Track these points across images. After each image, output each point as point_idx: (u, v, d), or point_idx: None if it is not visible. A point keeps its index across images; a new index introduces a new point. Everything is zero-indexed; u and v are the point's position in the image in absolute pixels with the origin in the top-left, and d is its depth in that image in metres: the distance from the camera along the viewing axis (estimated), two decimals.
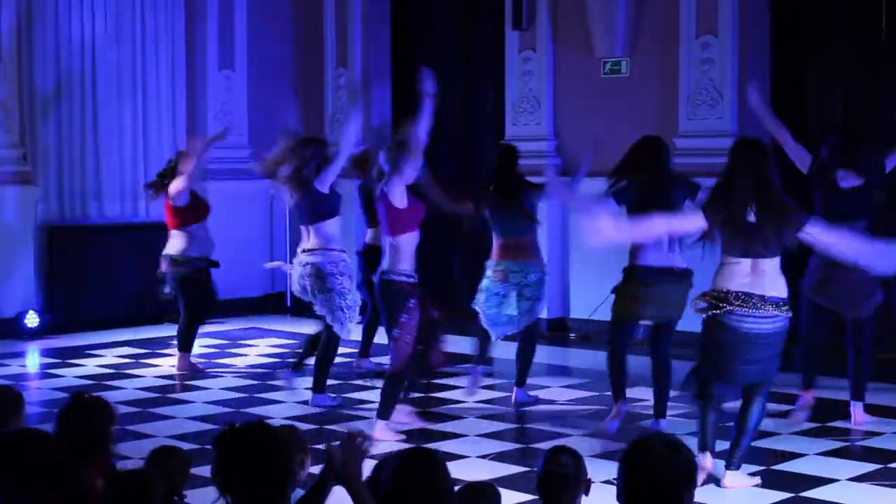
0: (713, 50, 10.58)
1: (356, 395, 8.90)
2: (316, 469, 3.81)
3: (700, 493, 6.16)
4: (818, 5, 10.59)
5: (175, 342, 10.07)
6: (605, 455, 6.73)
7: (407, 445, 7.19)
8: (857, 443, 7.40)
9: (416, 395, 8.87)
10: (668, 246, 7.35)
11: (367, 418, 8.07)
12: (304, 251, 8.49)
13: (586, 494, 4.04)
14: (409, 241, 7.41)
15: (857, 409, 7.74)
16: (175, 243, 9.87)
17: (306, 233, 8.49)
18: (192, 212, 9.89)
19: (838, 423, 7.78)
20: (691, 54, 10.68)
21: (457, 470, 3.65)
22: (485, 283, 8.38)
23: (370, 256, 9.08)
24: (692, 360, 6.55)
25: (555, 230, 11.19)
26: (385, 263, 7.44)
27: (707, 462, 6.35)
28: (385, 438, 7.27)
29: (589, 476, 4.05)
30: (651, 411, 7.70)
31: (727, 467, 6.45)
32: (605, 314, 10.26)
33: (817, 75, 10.64)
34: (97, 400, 4.53)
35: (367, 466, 3.69)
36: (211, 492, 3.45)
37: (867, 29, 10.25)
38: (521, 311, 8.27)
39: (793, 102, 10.74)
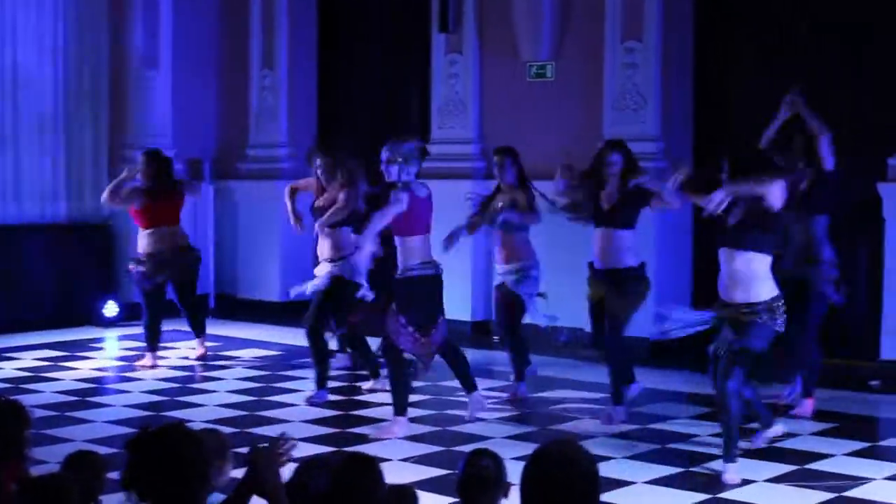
0: (638, 55, 10.66)
1: (279, 398, 8.85)
2: (239, 473, 3.78)
3: (615, 496, 6.22)
4: (740, 9, 10.71)
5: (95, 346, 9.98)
6: (527, 458, 6.73)
7: (329, 449, 7.18)
8: (775, 444, 7.49)
9: (336, 398, 8.88)
10: None
11: (291, 421, 8.04)
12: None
13: (506, 497, 4.05)
14: None
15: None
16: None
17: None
18: None
19: (755, 425, 7.87)
20: (616, 59, 10.75)
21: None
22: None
23: None
24: None
25: (480, 233, 11.22)
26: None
27: None
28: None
29: (509, 479, 4.06)
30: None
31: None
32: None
33: (740, 78, 10.77)
34: (11, 403, 4.47)
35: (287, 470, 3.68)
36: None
37: (789, 27, 10.38)
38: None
39: (716, 106, 10.86)
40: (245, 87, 13.49)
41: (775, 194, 6.61)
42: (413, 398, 8.59)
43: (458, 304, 10.38)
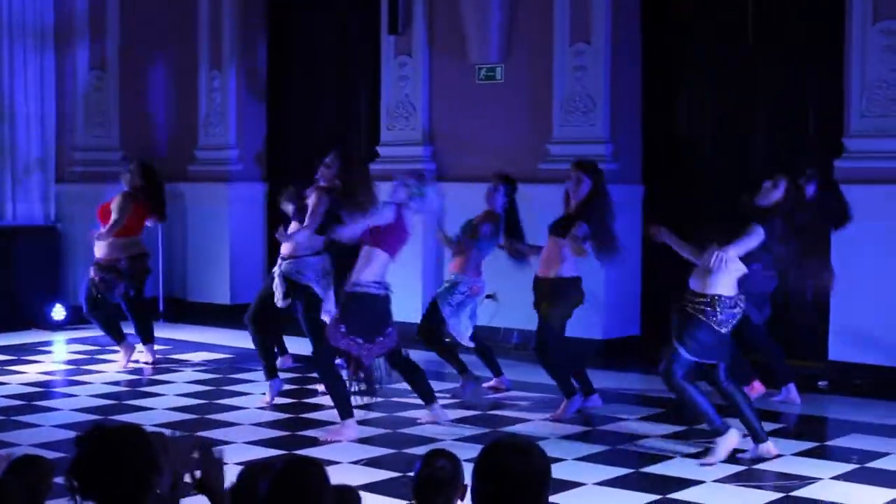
0: (586, 57, 10.70)
1: (229, 401, 8.80)
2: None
3: (565, 497, 6.24)
4: (688, 12, 10.78)
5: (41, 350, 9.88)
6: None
7: (278, 452, 7.16)
8: None
9: (284, 401, 8.85)
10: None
11: (241, 424, 8.00)
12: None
13: (462, 499, 4.03)
14: None
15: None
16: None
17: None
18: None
19: (705, 426, 7.91)
20: (565, 61, 10.79)
21: (329, 476, 3.66)
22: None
23: None
24: None
25: (432, 238, 11.23)
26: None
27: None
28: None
29: (466, 481, 4.04)
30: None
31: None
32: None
33: (688, 81, 10.84)
34: None
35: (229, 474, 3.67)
36: None
37: (735, 33, 10.46)
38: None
39: (664, 109, 10.92)
40: (193, 89, 13.41)
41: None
42: (361, 400, 8.56)
43: (407, 306, 10.35)
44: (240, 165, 13.23)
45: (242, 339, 11.27)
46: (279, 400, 8.77)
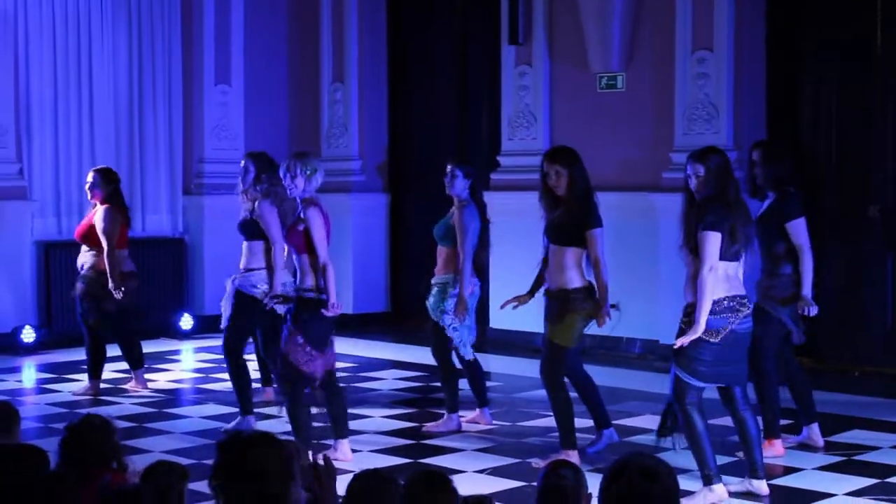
0: (709, 65, 10.60)
1: (351, 410, 8.88)
2: None
3: None
4: (813, 19, 10.61)
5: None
6: (605, 470, 6.68)
7: (400, 461, 7.21)
8: (855, 457, 7.38)
9: (409, 410, 8.89)
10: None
11: (363, 432, 8.07)
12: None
13: None
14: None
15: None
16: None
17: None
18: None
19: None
20: (687, 69, 10.69)
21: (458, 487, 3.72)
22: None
23: None
24: None
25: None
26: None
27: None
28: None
29: (589, 490, 4.03)
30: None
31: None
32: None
33: (812, 89, 10.67)
34: (95, 417, 4.52)
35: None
36: None
37: (862, 42, 10.26)
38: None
39: (788, 116, 10.76)
40: (316, 101, 13.60)
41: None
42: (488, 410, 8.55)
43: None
44: (362, 176, 13.36)
45: (364, 348, 11.41)
46: (398, 410, 8.82)
